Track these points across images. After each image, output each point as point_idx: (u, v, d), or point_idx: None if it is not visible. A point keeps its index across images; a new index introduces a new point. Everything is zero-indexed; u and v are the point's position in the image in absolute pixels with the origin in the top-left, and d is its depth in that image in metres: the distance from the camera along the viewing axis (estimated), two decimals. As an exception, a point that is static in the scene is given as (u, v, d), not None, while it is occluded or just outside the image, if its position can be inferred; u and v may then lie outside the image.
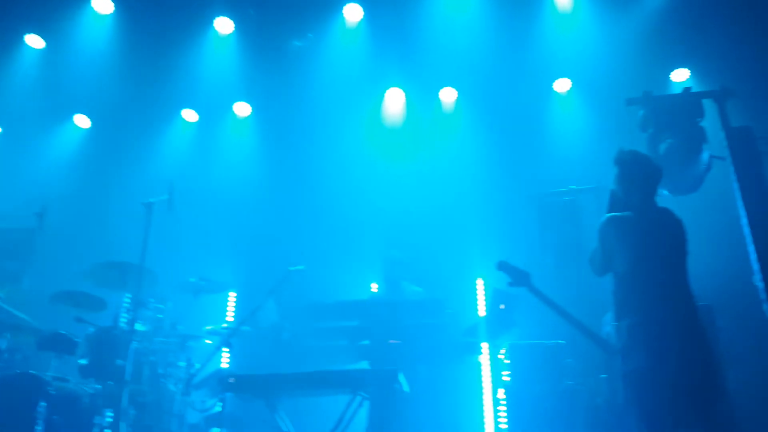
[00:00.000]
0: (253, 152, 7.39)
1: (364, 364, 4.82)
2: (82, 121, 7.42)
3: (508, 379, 4.95)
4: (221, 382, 3.90)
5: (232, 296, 6.86)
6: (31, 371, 4.51)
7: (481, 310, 6.24)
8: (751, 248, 3.62)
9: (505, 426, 4.84)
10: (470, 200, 6.57)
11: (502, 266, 3.67)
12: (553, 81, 6.90)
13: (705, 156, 4.20)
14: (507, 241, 6.19)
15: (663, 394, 2.83)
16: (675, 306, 3.01)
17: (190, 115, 7.42)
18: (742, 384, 4.30)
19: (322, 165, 7.07)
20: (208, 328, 5.56)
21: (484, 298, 6.33)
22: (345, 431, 3.91)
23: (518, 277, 3.64)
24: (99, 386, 4.62)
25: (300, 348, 5.83)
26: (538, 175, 6.51)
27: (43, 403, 4.29)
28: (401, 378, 3.93)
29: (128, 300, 5.44)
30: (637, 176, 3.30)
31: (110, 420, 4.52)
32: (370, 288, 6.24)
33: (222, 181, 7.13)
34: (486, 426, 5.64)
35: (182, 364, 5.08)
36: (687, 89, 4.45)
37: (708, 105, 4.27)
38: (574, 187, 6.12)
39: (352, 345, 5.27)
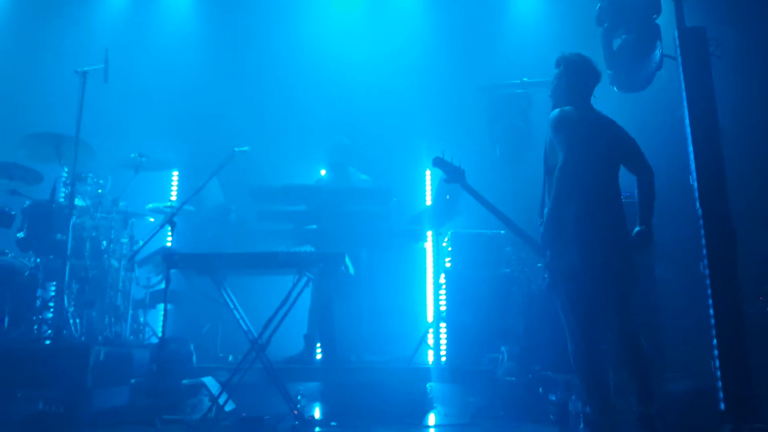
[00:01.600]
0: (198, 26, 6.98)
1: (308, 249, 4.90)
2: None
3: (449, 265, 5.16)
4: (166, 258, 3.89)
5: (174, 175, 6.71)
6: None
7: (428, 200, 6.35)
8: (690, 149, 3.76)
9: (444, 308, 5.10)
10: (421, 89, 6.47)
11: (438, 162, 3.71)
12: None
13: (657, 54, 4.22)
14: (456, 132, 6.20)
15: (588, 290, 3.02)
16: (606, 203, 3.13)
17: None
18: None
19: (270, 44, 6.76)
20: (151, 206, 5.47)
21: (430, 188, 6.42)
22: (290, 311, 4.02)
23: (453, 173, 3.69)
24: (39, 260, 4.54)
25: (246, 230, 5.86)
26: (490, 65, 6.43)
27: (-19, 275, 4.22)
28: (347, 261, 4.02)
29: (65, 174, 5.26)
30: (578, 78, 3.32)
31: (53, 293, 4.50)
32: (319, 173, 6.22)
33: (165, 55, 6.75)
34: (427, 309, 5.93)
35: (125, 240, 5.03)
36: (645, -18, 4.39)
37: (665, 2, 4.25)
38: (526, 79, 6.11)
39: (297, 229, 5.33)
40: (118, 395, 4.11)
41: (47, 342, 4.23)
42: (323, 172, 6.06)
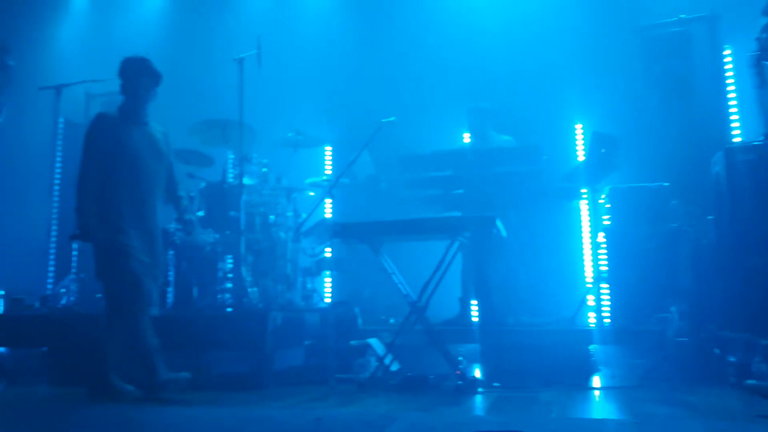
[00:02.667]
0: (340, 3, 7.19)
1: (457, 214, 4.94)
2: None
3: (608, 222, 4.95)
4: (329, 229, 4.13)
5: (327, 150, 7.05)
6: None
7: (580, 155, 6.09)
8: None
9: (605, 268, 4.91)
10: (565, 36, 6.14)
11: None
12: None
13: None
14: (607, 80, 5.85)
15: None
16: None
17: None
18: None
19: (410, 13, 6.80)
20: (309, 180, 5.82)
21: (582, 142, 6.15)
22: (444, 274, 4.11)
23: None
24: (217, 235, 5.02)
25: (396, 198, 6.02)
26: (642, 2, 5.94)
27: (171, 252, 4.75)
28: (499, 223, 4.01)
29: (233, 156, 5.74)
30: None
31: (231, 265, 4.97)
32: (462, 138, 6.20)
33: (311, 37, 7.04)
34: (585, 270, 5.74)
35: (290, 214, 5.40)
36: None
37: None
38: (684, 16, 5.61)
39: (445, 194, 5.37)
40: (293, 356, 4.48)
41: (229, 309, 4.70)
42: (466, 136, 6.03)
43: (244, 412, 3.20)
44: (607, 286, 4.90)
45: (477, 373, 4.13)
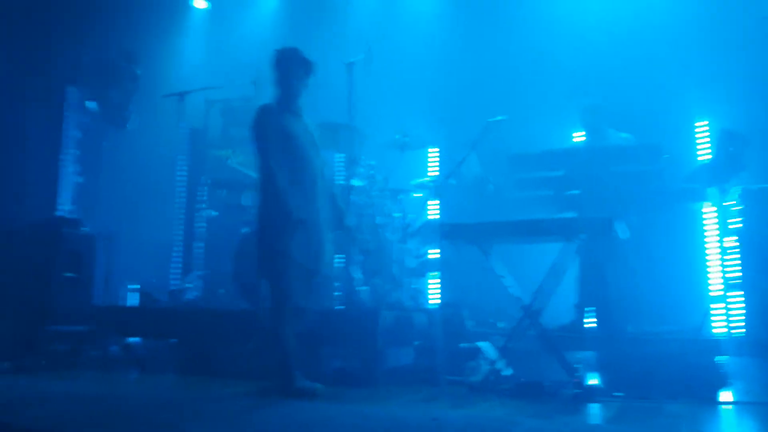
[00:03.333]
0: (444, 4, 7.18)
1: (570, 215, 4.78)
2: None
3: (740, 225, 4.60)
4: (437, 230, 4.12)
5: (433, 152, 7.04)
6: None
7: (702, 154, 5.71)
8: None
9: (738, 274, 4.57)
10: (685, 28, 5.78)
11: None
12: None
13: None
14: (732, 72, 5.45)
15: None
16: None
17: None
18: None
19: (516, 9, 6.67)
20: (415, 182, 5.84)
21: (708, 139, 5.76)
22: (559, 278, 3.99)
23: None
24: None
25: (504, 199, 5.91)
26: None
27: (286, 250, 4.92)
28: (618, 225, 3.84)
29: (341, 158, 5.86)
30: None
31: (342, 264, 5.08)
32: (573, 137, 5.99)
33: (417, 40, 7.07)
34: (711, 277, 5.37)
35: (397, 215, 5.45)
36: None
37: None
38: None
39: (557, 195, 5.21)
40: (403, 355, 4.51)
41: (338, 307, 4.79)
42: (577, 135, 5.82)
43: (362, 409, 3.25)
44: (740, 293, 4.56)
45: (594, 381, 3.97)
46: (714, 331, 4.76)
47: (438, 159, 7.01)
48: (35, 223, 4.86)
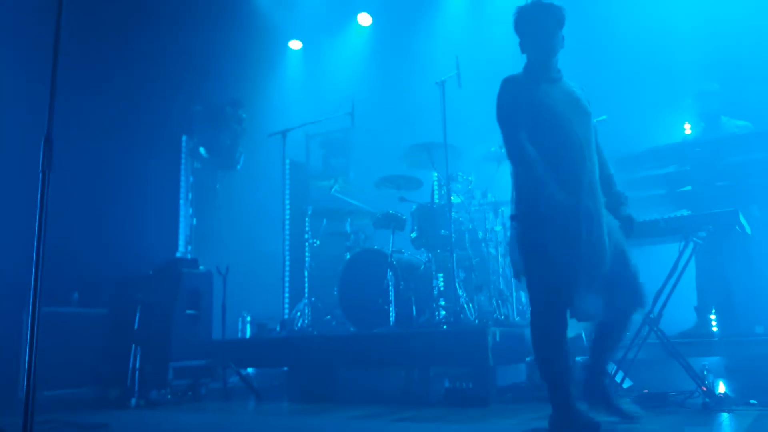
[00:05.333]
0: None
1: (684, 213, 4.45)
2: (364, 19, 7.91)
3: None
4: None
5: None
6: (375, 247, 5.22)
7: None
8: None
9: None
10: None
11: None
12: None
13: None
14: None
15: None
16: None
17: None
18: None
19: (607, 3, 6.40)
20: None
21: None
22: (678, 281, 3.72)
23: None
24: (430, 254, 5.14)
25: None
26: None
27: (390, 273, 4.96)
28: (742, 219, 3.53)
29: (437, 175, 5.85)
30: None
31: (443, 282, 5.04)
32: (682, 130, 5.59)
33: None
34: None
35: (498, 228, 5.33)
36: None
37: None
38: None
39: (670, 193, 4.88)
40: (515, 372, 4.37)
41: (444, 326, 4.73)
42: (687, 126, 5.43)
43: (476, 428, 3.18)
44: None
45: (721, 387, 3.63)
46: None
47: (539, 168, 6.81)
48: (158, 265, 5.24)
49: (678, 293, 3.74)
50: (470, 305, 4.85)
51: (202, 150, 6.82)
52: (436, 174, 6.01)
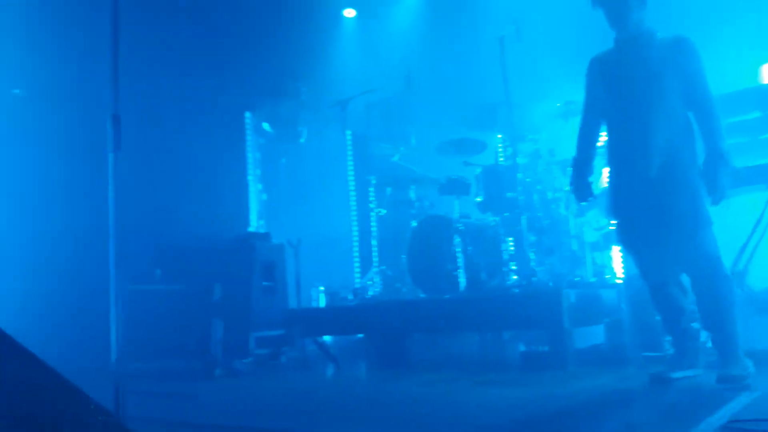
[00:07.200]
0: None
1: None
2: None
3: None
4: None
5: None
6: (441, 213, 5.19)
7: None
8: None
9: None
10: None
11: None
12: None
13: None
14: None
15: None
16: None
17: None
18: None
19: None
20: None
21: None
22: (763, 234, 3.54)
23: None
24: (497, 218, 5.06)
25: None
26: None
27: (457, 238, 4.93)
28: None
29: (503, 136, 5.73)
30: None
31: (513, 246, 4.96)
32: (758, 72, 5.23)
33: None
34: None
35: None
36: None
37: None
38: None
39: (753, 140, 4.60)
40: (593, 334, 4.29)
41: (515, 290, 4.68)
42: (766, 67, 5.07)
43: (553, 391, 3.15)
44: None
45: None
46: None
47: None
48: (233, 240, 5.39)
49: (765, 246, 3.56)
50: (542, 268, 4.76)
51: (265, 125, 6.92)
52: (499, 135, 5.89)
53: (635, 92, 3.07)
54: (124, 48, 2.51)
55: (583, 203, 4.66)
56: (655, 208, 2.99)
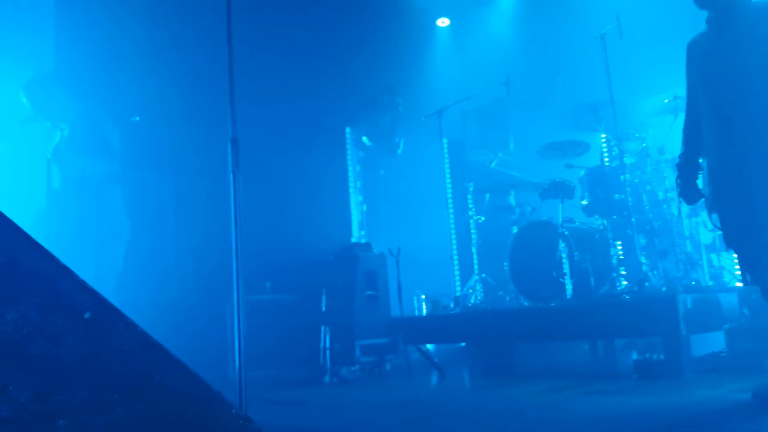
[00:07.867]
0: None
1: None
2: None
3: None
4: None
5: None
6: (543, 218, 5.07)
7: None
8: None
9: None
10: None
11: None
12: None
13: None
14: None
15: None
16: None
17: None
18: None
19: None
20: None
21: None
22: None
23: None
24: (605, 221, 4.88)
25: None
26: None
27: (562, 244, 4.80)
28: None
29: (607, 136, 5.53)
30: None
31: (622, 250, 4.76)
32: None
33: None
34: None
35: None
36: None
37: None
38: None
39: None
40: (712, 341, 4.02)
41: (626, 297, 4.47)
42: None
43: (668, 400, 2.99)
44: None
45: None
46: None
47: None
48: (337, 250, 5.57)
49: None
50: (655, 272, 4.54)
51: (364, 139, 7.09)
52: (604, 135, 5.69)
53: (728, 67, 2.82)
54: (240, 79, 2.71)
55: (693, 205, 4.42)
56: (757, 197, 2.72)
